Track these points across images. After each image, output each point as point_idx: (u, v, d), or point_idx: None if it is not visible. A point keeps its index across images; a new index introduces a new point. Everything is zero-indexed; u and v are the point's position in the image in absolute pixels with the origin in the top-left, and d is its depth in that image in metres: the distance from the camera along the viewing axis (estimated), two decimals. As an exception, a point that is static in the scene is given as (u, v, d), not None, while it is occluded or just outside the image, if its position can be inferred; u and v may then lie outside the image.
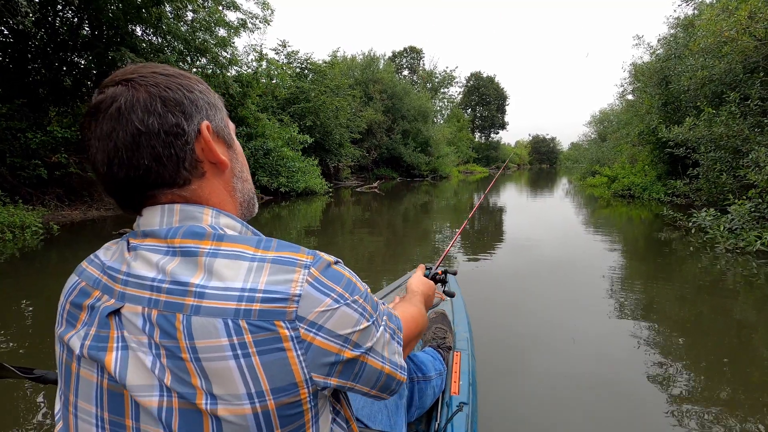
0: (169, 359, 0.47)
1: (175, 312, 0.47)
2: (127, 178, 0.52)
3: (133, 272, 0.51)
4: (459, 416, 1.17)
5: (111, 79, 0.52)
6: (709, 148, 6.81)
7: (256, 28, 13.72)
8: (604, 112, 29.40)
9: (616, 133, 18.28)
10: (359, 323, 0.53)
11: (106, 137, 0.50)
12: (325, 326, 0.49)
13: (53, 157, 8.33)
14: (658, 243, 5.72)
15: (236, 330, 0.46)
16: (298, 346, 0.48)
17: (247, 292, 0.47)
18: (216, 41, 11.40)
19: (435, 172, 29.75)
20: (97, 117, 0.51)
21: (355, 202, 13.10)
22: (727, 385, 2.27)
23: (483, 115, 57.06)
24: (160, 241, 0.52)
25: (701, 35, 6.81)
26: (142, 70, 0.53)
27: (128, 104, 0.50)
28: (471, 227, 7.76)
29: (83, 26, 9.65)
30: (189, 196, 0.55)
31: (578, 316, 3.18)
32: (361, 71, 27.77)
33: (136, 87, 0.51)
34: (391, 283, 2.36)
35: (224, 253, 0.50)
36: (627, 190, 12.29)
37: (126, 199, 0.55)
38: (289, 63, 18.55)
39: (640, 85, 11.21)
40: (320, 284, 0.50)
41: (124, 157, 0.50)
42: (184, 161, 0.53)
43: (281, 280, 0.48)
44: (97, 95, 0.51)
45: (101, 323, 0.51)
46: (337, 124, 18.37)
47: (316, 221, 8.87)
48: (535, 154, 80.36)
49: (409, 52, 45.81)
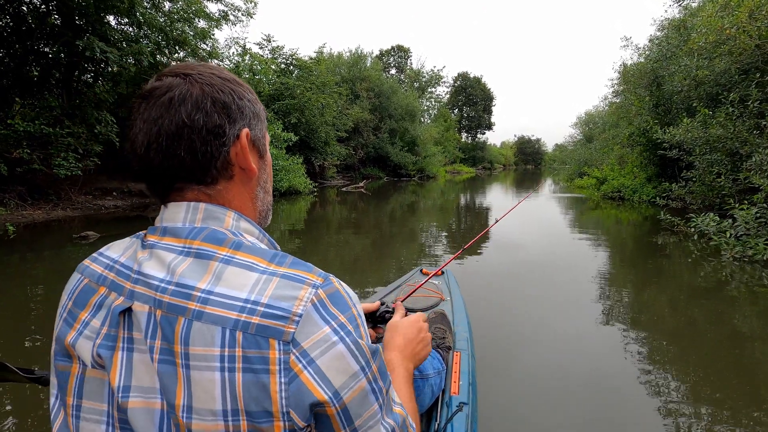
0: (165, 362, 0.46)
1: (178, 315, 0.47)
2: (161, 166, 0.53)
3: (143, 271, 0.51)
4: (459, 416, 1.15)
5: (171, 69, 0.55)
6: (704, 150, 6.64)
7: (238, 21, 13.26)
8: (589, 113, 29.62)
9: (603, 135, 18.28)
10: (357, 378, 0.49)
11: (153, 121, 0.51)
12: (316, 362, 0.47)
13: (14, 153, 7.73)
14: (655, 248, 5.52)
15: (230, 341, 0.45)
16: (284, 374, 0.45)
17: (250, 304, 0.46)
18: (195, 33, 10.86)
19: (422, 171, 29.53)
20: (149, 101, 0.52)
21: (341, 201, 12.78)
22: (734, 391, 2.16)
23: (470, 116, 57.13)
24: (178, 240, 0.52)
25: (702, 32, 6.62)
26: (203, 68, 0.55)
27: (181, 96, 0.52)
28: (458, 227, 7.58)
29: (52, 14, 9.04)
30: (213, 195, 0.56)
31: (583, 320, 3.09)
32: (347, 68, 27.37)
33: (192, 82, 0.53)
34: (384, 284, 2.25)
35: (237, 262, 0.50)
36: (617, 192, 12.16)
37: (155, 186, 0.56)
38: (274, 58, 18.02)
39: (630, 86, 11.04)
40: (324, 308, 0.49)
41: (163, 144, 0.51)
42: (216, 161, 0.54)
43: (286, 296, 0.48)
44: (154, 81, 0.54)
45: (113, 322, 0.51)
46: (322, 121, 17.91)
47: (300, 222, 8.52)
48: (520, 155, 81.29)
49: (396, 50, 45.52)
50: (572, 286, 3.96)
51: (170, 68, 0.54)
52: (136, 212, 9.12)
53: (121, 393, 0.48)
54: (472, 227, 7.97)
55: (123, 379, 0.48)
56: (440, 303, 2.01)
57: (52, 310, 3.24)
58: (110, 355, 0.49)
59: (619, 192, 12.06)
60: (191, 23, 10.93)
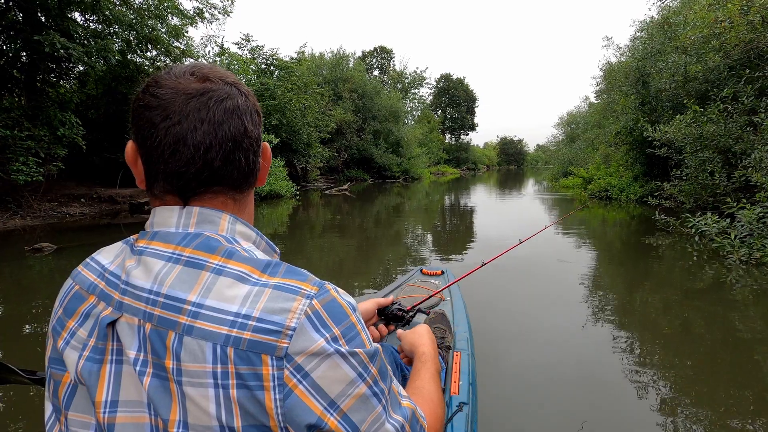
0: (156, 377, 0.45)
1: (168, 329, 0.46)
2: (212, 168, 0.52)
3: (131, 282, 0.50)
4: (459, 416, 1.14)
5: (208, 73, 0.53)
6: (695, 148, 6.49)
7: (214, 19, 12.76)
8: (571, 114, 29.86)
9: (587, 134, 18.31)
10: (354, 385, 0.47)
11: (217, 124, 0.51)
12: (311, 375, 0.45)
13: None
14: (654, 249, 5.32)
15: (222, 358, 0.44)
16: (278, 390, 0.44)
17: (241, 318, 0.45)
18: (167, 29, 10.33)
19: (407, 173, 29.29)
20: (204, 102, 0.51)
21: (325, 204, 12.41)
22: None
23: (453, 117, 57.20)
24: (168, 245, 0.51)
25: (696, 25, 6.47)
26: (231, 77, 0.55)
27: (244, 107, 0.54)
28: (444, 228, 7.31)
29: (12, 9, 8.42)
30: (240, 199, 0.56)
31: (583, 321, 3.01)
32: (330, 69, 26.98)
33: (244, 95, 0.55)
34: (372, 287, 2.24)
35: (229, 272, 0.48)
36: (604, 191, 12.07)
37: (184, 186, 0.53)
38: (254, 58, 17.51)
39: (616, 84, 10.96)
40: (318, 319, 0.47)
41: (227, 148, 0.52)
42: (255, 170, 0.57)
43: (278, 309, 0.46)
44: (204, 82, 0.52)
45: (100, 335, 0.50)
46: (304, 123, 17.45)
47: (283, 226, 8.14)
48: (503, 155, 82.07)
49: (379, 52, 45.28)
50: (570, 286, 3.89)
51: (206, 70, 0.54)
52: (106, 219, 8.56)
53: (109, 408, 0.47)
54: (459, 229, 7.73)
55: (111, 393, 0.47)
56: (440, 303, 2.00)
57: (7, 328, 3.00)
58: (98, 369, 0.48)
59: (606, 191, 11.98)
60: (164, 20, 10.40)
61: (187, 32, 11.20)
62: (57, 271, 4.53)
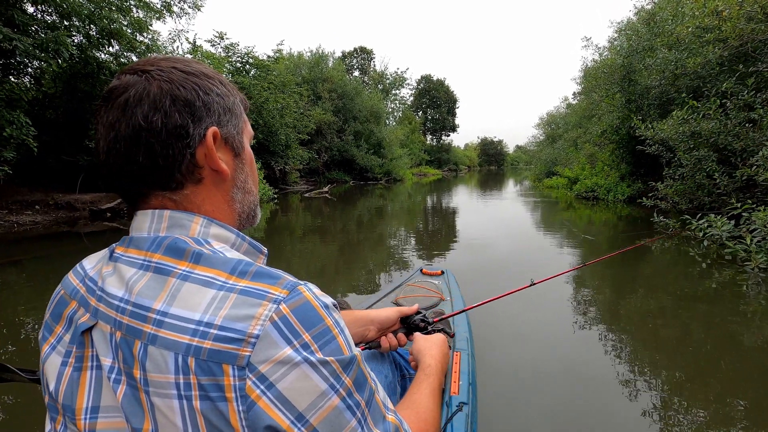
0: (128, 386, 0.44)
1: (134, 338, 0.45)
2: (122, 172, 0.50)
3: (105, 289, 0.49)
4: (459, 416, 1.12)
5: (132, 66, 0.51)
6: (690, 146, 6.22)
7: (184, 13, 12.06)
8: (551, 114, 29.98)
9: (570, 133, 18.21)
10: (326, 397, 0.44)
11: (110, 126, 0.49)
12: (276, 386, 0.42)
13: None
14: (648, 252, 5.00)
15: (184, 368, 0.42)
16: (241, 401, 0.41)
17: (203, 326, 0.42)
18: (129, 22, 9.59)
19: (389, 174, 28.86)
20: (108, 104, 0.49)
21: (305, 208, 11.90)
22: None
23: (434, 118, 57.12)
24: (140, 252, 0.50)
25: (695, 15, 6.21)
26: (165, 62, 0.51)
27: (137, 97, 0.48)
28: (427, 230, 6.88)
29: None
30: (180, 200, 0.52)
31: (581, 322, 2.65)
32: (309, 69, 26.32)
33: (149, 80, 0.49)
34: (355, 292, 2.30)
35: (195, 278, 0.46)
36: (591, 191, 11.85)
37: (122, 194, 0.53)
38: (228, 56, 16.77)
39: (600, 82, 10.74)
40: (286, 325, 0.43)
41: (122, 149, 0.49)
42: (181, 165, 0.51)
43: (241, 316, 0.43)
44: (115, 80, 0.50)
45: (79, 342, 0.49)
46: (282, 123, 16.79)
47: (260, 230, 7.61)
48: (484, 156, 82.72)
49: (359, 52, 44.78)
50: (567, 285, 3.83)
51: (132, 64, 0.51)
52: (64, 227, 7.81)
53: (90, 414, 0.47)
54: (445, 231, 7.32)
55: (92, 399, 0.47)
56: (440, 303, 2.00)
57: None
58: (78, 376, 0.48)
59: (593, 191, 11.75)
60: (127, 13, 9.67)
61: (152, 26, 10.47)
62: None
